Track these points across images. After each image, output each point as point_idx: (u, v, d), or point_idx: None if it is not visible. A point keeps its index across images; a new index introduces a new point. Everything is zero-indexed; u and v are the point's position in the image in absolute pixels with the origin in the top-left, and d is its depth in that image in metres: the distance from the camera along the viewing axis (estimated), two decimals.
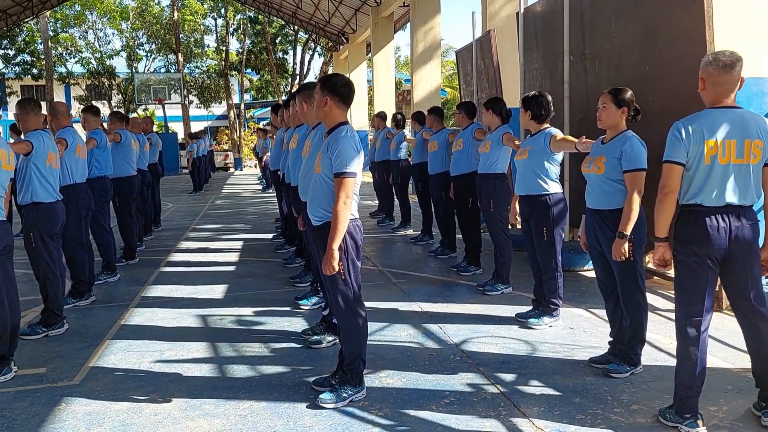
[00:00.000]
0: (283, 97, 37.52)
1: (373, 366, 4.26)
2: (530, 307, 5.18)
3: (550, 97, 4.97)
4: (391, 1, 18.39)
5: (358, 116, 22.29)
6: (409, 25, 16.97)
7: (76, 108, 40.91)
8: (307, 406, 3.67)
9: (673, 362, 4.14)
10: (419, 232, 9.09)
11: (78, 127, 6.54)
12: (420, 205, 8.92)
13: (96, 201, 6.90)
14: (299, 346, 4.71)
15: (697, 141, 3.09)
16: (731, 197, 3.11)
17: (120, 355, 4.64)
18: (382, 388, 3.91)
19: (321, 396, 3.68)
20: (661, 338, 4.66)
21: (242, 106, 38.77)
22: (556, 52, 7.40)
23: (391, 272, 7.08)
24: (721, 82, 3.13)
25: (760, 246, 3.29)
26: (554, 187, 4.90)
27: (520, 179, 5.02)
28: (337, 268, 3.52)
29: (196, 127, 34.16)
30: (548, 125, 4.96)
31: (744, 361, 4.16)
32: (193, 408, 3.70)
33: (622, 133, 3.94)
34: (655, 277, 6.30)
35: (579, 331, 4.88)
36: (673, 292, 5.75)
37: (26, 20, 27.83)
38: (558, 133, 4.82)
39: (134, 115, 41.99)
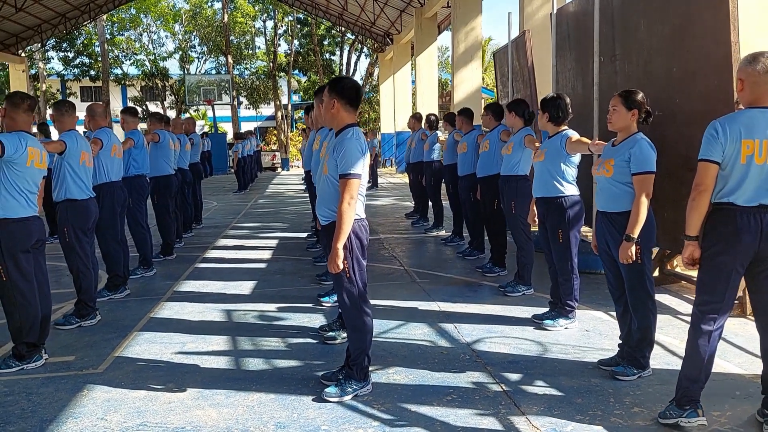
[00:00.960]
0: None
1: (383, 362, 4.36)
2: (547, 309, 5.19)
3: (568, 99, 4.97)
4: (434, 1, 18.43)
5: (402, 117, 22.39)
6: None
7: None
8: (312, 400, 3.79)
9: None
10: (450, 234, 9.13)
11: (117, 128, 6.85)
12: (451, 206, 8.97)
13: (133, 199, 7.21)
14: (315, 341, 4.84)
15: (733, 140, 3.07)
16: (765, 198, 3.09)
17: (144, 346, 4.85)
18: (389, 384, 4.00)
19: (326, 390, 3.79)
20: (677, 342, 4.61)
21: (289, 107, 39.35)
22: (588, 53, 7.35)
23: (416, 272, 7.16)
24: (761, 82, 3.09)
25: None
26: (570, 190, 4.90)
27: (537, 181, 5.03)
28: (342, 267, 3.62)
29: (245, 127, 34.90)
30: (566, 127, 4.96)
31: (758, 367, 4.09)
32: (205, 398, 3.86)
33: (632, 136, 3.94)
34: (683, 282, 6.20)
35: (594, 334, 4.86)
36: (691, 296, 5.69)
37: (84, 24, 28.85)
38: (574, 135, 4.82)
39: (187, 115, 43.22)
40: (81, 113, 5.63)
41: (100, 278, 5.90)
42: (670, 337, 4.74)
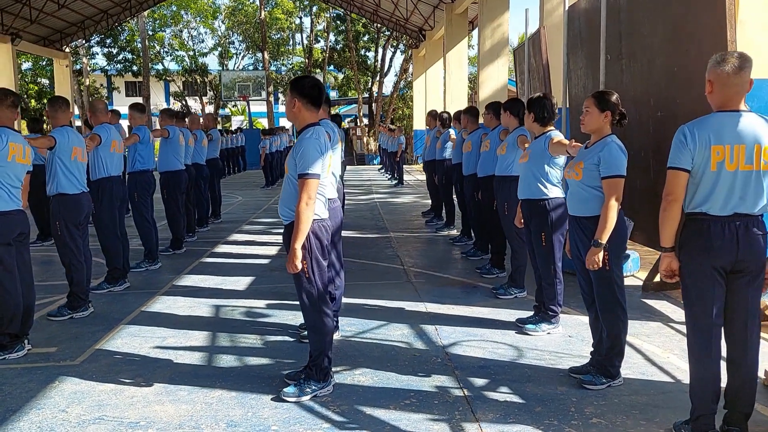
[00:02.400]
0: (365, 95, 38.11)
1: (353, 363, 4.34)
2: (532, 313, 5.09)
3: (555, 99, 4.86)
4: None
5: None
6: None
7: (171, 103, 43.13)
8: (271, 399, 3.79)
9: (661, 377, 4.04)
10: (459, 233, 9.05)
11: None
12: (459, 205, 8.88)
13: (139, 193, 7.33)
14: (292, 340, 4.84)
15: (703, 146, 2.94)
16: (739, 206, 2.95)
17: (126, 339, 4.92)
18: (351, 385, 3.97)
19: (284, 390, 3.79)
20: (659, 351, 4.47)
21: None
22: (597, 51, 7.19)
23: (415, 272, 7.11)
24: (730, 84, 2.96)
25: None
26: (554, 192, 4.79)
27: (521, 183, 4.94)
28: (300, 267, 3.61)
29: (282, 123, 35.20)
30: (552, 128, 4.85)
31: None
32: (169, 393, 3.89)
33: (603, 139, 3.82)
34: None
35: (576, 340, 4.75)
36: None
37: (126, 20, 29.46)
38: (556, 136, 4.70)
39: (227, 110, 43.68)
40: (124, 108, 5.63)
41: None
42: (655, 345, 4.60)
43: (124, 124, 10.15)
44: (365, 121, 37.82)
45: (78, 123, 26.63)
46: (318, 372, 3.81)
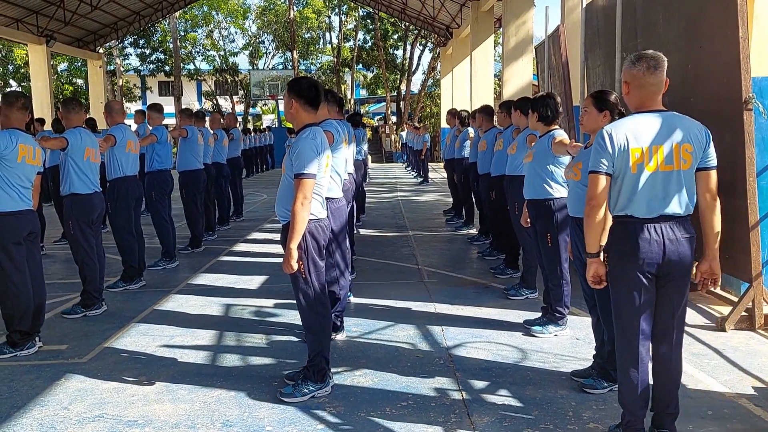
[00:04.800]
0: (393, 93, 38.07)
1: (354, 364, 4.33)
2: (540, 314, 5.02)
3: (558, 99, 4.78)
4: None
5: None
6: None
7: (203, 102, 43.64)
8: (269, 399, 3.80)
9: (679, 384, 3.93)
10: (477, 232, 8.98)
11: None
12: (476, 205, 8.81)
13: (156, 192, 7.43)
14: (297, 339, 4.85)
15: (622, 148, 2.90)
16: (663, 207, 2.92)
17: (135, 337, 4.99)
18: (351, 387, 3.97)
19: (282, 390, 3.80)
20: None
21: (352, 101, 39.60)
22: (614, 48, 7.05)
23: (428, 271, 7.08)
24: (647, 84, 2.94)
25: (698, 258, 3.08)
26: (560, 192, 4.72)
27: (527, 183, 4.88)
28: (295, 267, 3.61)
29: None
30: (556, 127, 4.78)
31: (744, 386, 3.87)
32: (169, 392, 3.93)
33: None
34: (700, 291, 5.87)
35: (583, 342, 4.67)
36: (704, 306, 5.40)
37: (158, 21, 29.87)
38: (559, 136, 4.63)
39: (257, 109, 43.98)
40: None
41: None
42: None
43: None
44: (393, 119, 37.81)
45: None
46: (315, 373, 3.80)
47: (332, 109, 5.35)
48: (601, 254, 3.07)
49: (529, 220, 5.00)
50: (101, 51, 28.09)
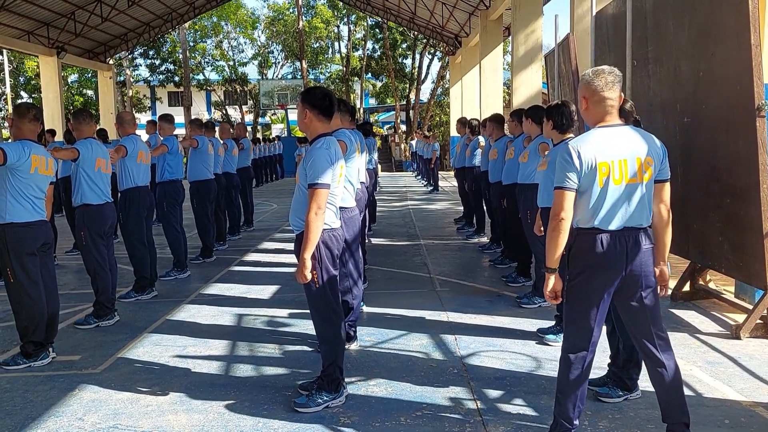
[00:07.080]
0: (402, 102, 38.16)
1: (368, 373, 4.32)
2: (554, 323, 5.00)
3: (573, 107, 4.76)
4: (498, 3, 18.17)
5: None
6: None
7: (213, 112, 43.87)
8: (283, 409, 3.79)
9: (684, 391, 3.90)
10: (489, 240, 8.96)
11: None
12: (488, 213, 8.80)
13: (168, 203, 7.46)
14: (310, 349, 4.84)
15: (589, 163, 2.93)
16: (628, 219, 2.98)
17: (148, 348, 4.99)
18: (365, 396, 3.96)
19: (296, 400, 3.79)
20: (682, 363, 4.22)
21: (361, 111, 39.73)
22: (625, 57, 7.05)
23: (440, 280, 7.06)
24: (605, 99, 3.01)
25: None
26: None
27: (541, 191, 4.86)
28: (309, 277, 3.61)
29: None
30: (571, 135, 4.76)
31: (761, 394, 3.83)
32: (183, 402, 3.93)
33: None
34: (714, 299, 5.84)
35: (598, 351, 4.62)
36: (719, 314, 5.36)
37: (167, 32, 30.11)
38: None
39: (266, 119, 44.18)
40: None
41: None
42: (678, 357, 4.41)
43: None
44: (403, 128, 37.87)
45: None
46: (329, 383, 3.79)
47: (345, 118, 5.35)
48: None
49: (542, 228, 4.98)
50: (111, 62, 28.33)
